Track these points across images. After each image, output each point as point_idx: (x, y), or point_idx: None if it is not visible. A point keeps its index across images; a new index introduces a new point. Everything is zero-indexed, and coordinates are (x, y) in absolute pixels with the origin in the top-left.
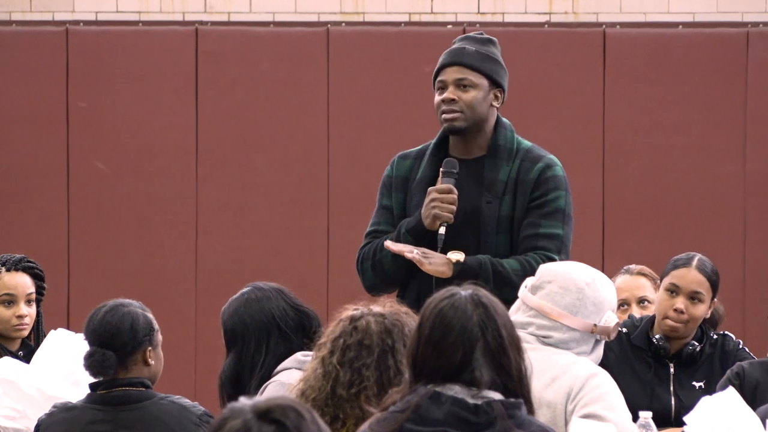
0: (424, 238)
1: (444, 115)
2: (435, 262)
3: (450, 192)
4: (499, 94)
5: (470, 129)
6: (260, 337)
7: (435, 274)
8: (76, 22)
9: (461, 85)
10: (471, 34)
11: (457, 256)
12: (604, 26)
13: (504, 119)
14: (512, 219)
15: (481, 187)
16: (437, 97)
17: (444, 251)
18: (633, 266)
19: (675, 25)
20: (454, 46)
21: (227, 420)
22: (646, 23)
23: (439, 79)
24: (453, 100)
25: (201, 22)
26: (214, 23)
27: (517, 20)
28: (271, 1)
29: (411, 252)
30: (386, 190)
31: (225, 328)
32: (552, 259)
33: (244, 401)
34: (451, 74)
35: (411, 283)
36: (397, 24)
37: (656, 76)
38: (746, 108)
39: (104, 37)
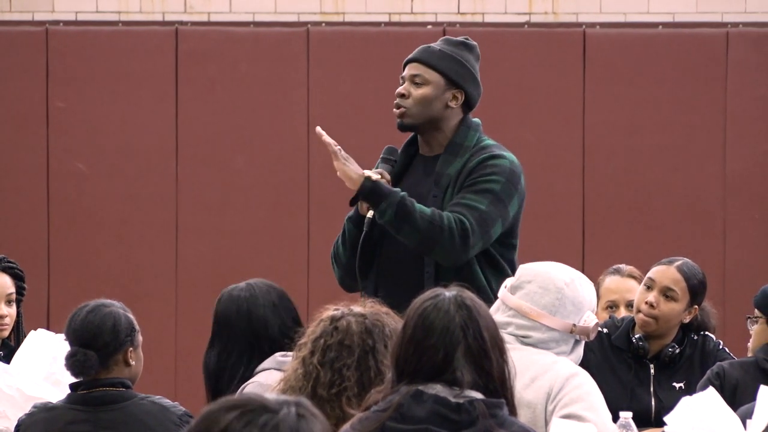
0: (363, 224)
1: (394, 110)
2: (350, 167)
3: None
4: (458, 96)
5: (421, 126)
6: (243, 348)
7: (342, 177)
8: (56, 22)
9: (414, 81)
10: (454, 38)
11: (375, 175)
12: (584, 26)
13: (473, 119)
14: None
15: (432, 182)
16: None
17: (372, 235)
18: (623, 267)
19: (655, 25)
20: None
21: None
22: (626, 23)
23: (401, 75)
24: (403, 95)
25: (181, 23)
26: (194, 23)
27: (497, 20)
28: (251, 2)
29: (335, 146)
30: None
31: (216, 318)
32: (463, 223)
33: (258, 399)
34: (409, 70)
35: (369, 277)
36: (377, 24)
37: (636, 77)
38: (726, 108)
39: (84, 37)
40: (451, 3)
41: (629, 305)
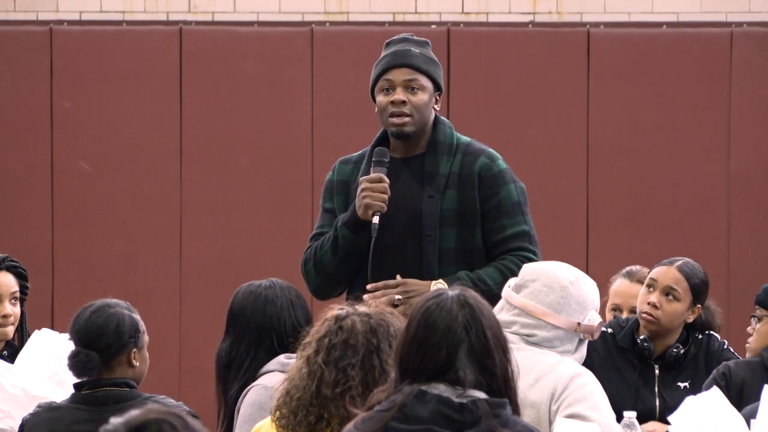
0: (361, 229)
1: (392, 119)
2: (418, 291)
3: (381, 181)
4: (439, 98)
5: (416, 132)
6: (253, 339)
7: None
8: (60, 22)
9: (410, 87)
10: (406, 35)
11: (439, 285)
12: (588, 26)
13: (442, 117)
14: (460, 213)
15: (422, 182)
16: (383, 98)
17: (383, 243)
18: (636, 270)
19: (659, 24)
20: (397, 48)
21: None
22: (630, 23)
23: (386, 78)
24: (403, 102)
25: (185, 22)
26: (198, 23)
27: (501, 20)
28: (255, 1)
29: (393, 298)
30: (328, 194)
31: (231, 308)
32: (530, 258)
33: (115, 421)
34: (400, 75)
35: (357, 281)
36: (381, 24)
37: (640, 76)
38: (730, 107)
39: (88, 36)
40: (456, 3)
41: (633, 311)
